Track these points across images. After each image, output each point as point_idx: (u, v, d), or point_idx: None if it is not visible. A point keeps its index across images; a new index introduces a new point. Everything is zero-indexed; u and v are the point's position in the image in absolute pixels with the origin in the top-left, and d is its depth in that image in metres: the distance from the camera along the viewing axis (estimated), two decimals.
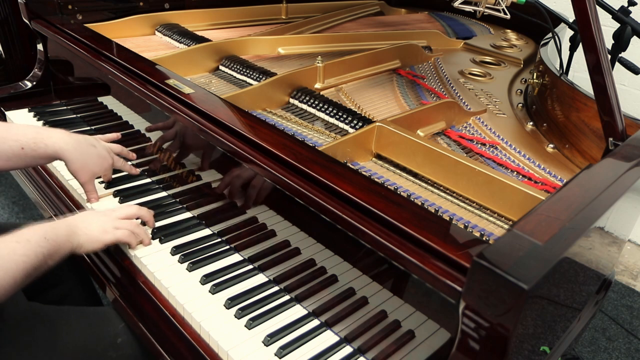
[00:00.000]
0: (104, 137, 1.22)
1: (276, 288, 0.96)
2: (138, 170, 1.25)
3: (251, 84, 1.38)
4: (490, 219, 0.97)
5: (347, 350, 0.85)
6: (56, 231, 0.89)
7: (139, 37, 1.71)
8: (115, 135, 1.26)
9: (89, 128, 1.47)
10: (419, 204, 0.96)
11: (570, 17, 1.50)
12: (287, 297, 0.94)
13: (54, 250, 0.87)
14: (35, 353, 0.89)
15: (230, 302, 0.91)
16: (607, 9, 1.40)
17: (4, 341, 0.87)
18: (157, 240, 1.04)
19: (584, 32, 0.90)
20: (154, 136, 1.26)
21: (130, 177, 1.24)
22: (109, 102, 1.40)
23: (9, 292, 0.79)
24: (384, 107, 1.35)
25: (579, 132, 1.20)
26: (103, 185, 1.21)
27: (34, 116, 1.50)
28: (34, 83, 1.62)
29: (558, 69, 1.43)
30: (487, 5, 1.28)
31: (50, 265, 0.87)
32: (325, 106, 1.28)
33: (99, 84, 1.39)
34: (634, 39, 1.44)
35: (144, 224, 1.07)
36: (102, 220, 0.99)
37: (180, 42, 1.63)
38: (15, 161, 1.05)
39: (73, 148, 1.08)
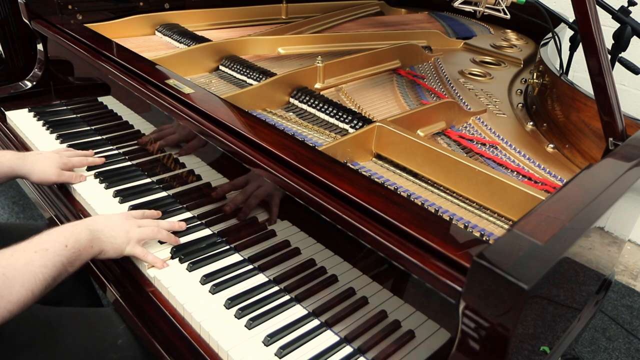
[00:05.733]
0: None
1: (276, 288, 0.96)
2: (98, 160, 1.26)
3: (251, 84, 1.38)
4: (490, 219, 0.97)
5: (347, 350, 0.85)
6: (78, 237, 0.87)
7: (139, 37, 1.71)
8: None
9: (89, 128, 1.47)
10: (419, 204, 0.96)
11: (570, 17, 1.50)
12: (287, 297, 0.94)
13: (75, 258, 0.85)
14: (35, 355, 0.89)
15: (231, 302, 0.91)
16: (607, 9, 1.40)
17: (4, 343, 0.87)
18: (157, 240, 1.04)
19: (584, 33, 0.90)
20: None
21: (130, 177, 1.24)
22: (109, 102, 1.40)
23: (27, 305, 0.77)
24: (384, 107, 1.35)
25: (579, 132, 1.20)
26: (103, 185, 1.21)
27: (34, 116, 1.50)
28: (34, 83, 1.62)
29: (558, 69, 1.43)
30: (487, 5, 1.28)
31: (70, 272, 0.85)
32: (325, 106, 1.28)
33: (99, 84, 1.39)
34: (634, 39, 1.44)
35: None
36: (125, 228, 0.96)
37: (180, 42, 1.63)
38: None
39: (24, 161, 1.14)
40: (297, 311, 0.92)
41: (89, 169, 1.26)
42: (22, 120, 1.49)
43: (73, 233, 0.87)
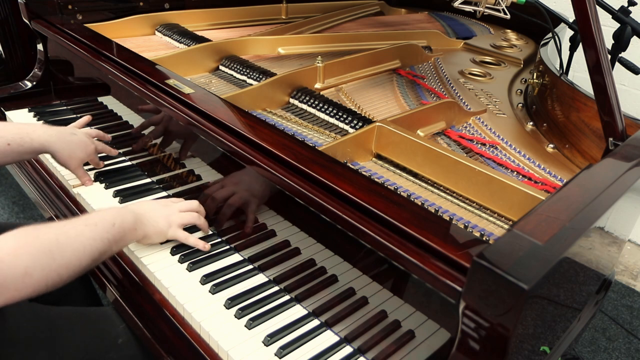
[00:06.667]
0: (77, 124, 1.27)
1: (276, 288, 0.96)
2: (116, 151, 1.29)
3: (251, 84, 1.38)
4: (490, 219, 0.97)
5: (347, 350, 0.85)
6: (124, 218, 0.91)
7: (139, 37, 1.71)
8: (87, 118, 1.31)
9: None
10: (419, 204, 0.96)
11: (570, 17, 1.50)
12: (287, 297, 0.94)
13: (120, 237, 0.89)
14: (35, 354, 0.89)
15: (231, 302, 0.91)
16: (607, 9, 1.40)
17: (5, 343, 0.87)
18: (158, 242, 1.04)
19: (584, 32, 0.90)
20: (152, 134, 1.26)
21: (130, 177, 1.24)
22: (109, 102, 1.40)
23: (76, 274, 0.81)
24: (384, 107, 1.35)
25: (579, 132, 1.20)
26: (103, 185, 1.21)
27: (34, 116, 1.50)
28: (34, 83, 1.62)
29: (558, 69, 1.43)
30: (487, 5, 1.28)
31: (114, 251, 0.89)
32: (325, 106, 1.28)
33: (99, 84, 1.39)
34: (634, 39, 1.44)
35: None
36: (167, 212, 1.00)
37: (180, 42, 1.63)
38: (1, 157, 1.07)
39: (57, 139, 1.14)
40: (297, 311, 0.92)
41: (89, 169, 1.26)
42: (22, 120, 1.49)
43: (120, 214, 0.91)
